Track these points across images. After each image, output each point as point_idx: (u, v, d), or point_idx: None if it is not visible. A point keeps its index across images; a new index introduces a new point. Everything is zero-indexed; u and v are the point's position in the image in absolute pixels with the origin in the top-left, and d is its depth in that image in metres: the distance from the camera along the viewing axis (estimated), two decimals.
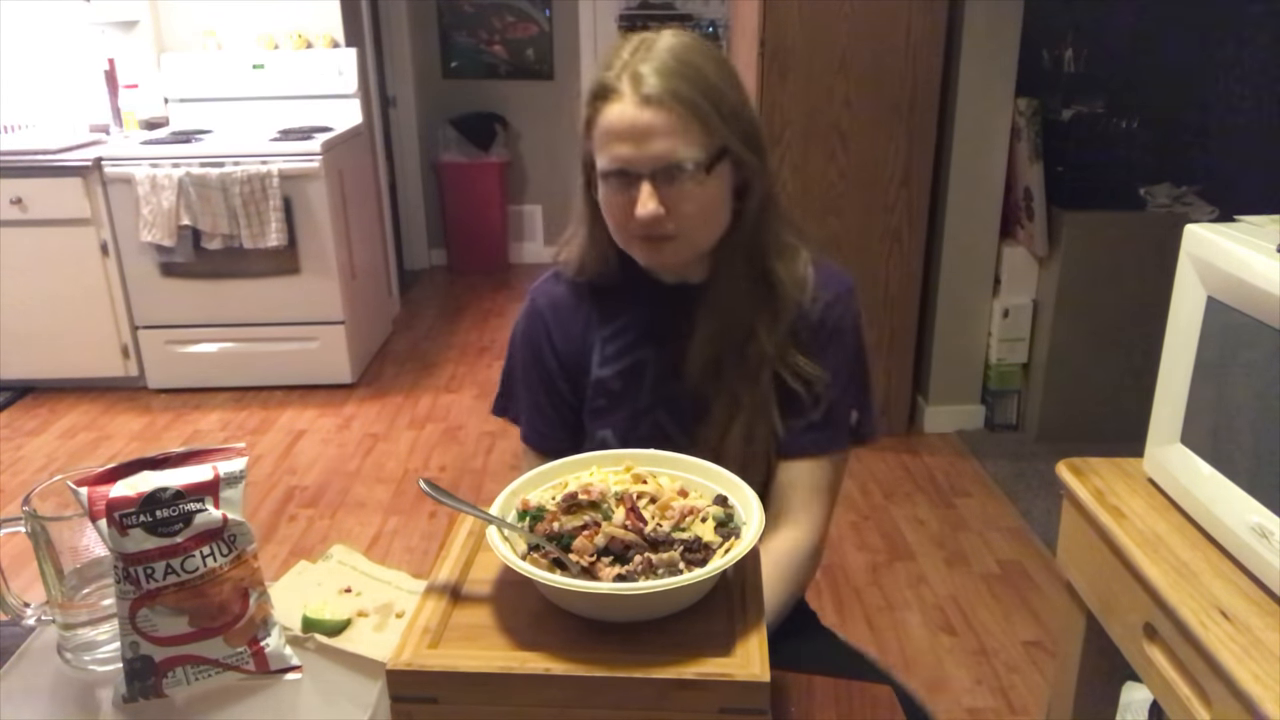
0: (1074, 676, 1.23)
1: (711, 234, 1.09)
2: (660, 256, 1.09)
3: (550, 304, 1.21)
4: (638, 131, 1.01)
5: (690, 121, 1.01)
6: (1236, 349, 0.98)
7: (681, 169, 1.01)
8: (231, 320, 3.59)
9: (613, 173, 1.04)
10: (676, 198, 1.03)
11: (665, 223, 1.04)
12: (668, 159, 1.01)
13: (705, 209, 1.06)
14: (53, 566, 0.85)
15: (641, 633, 0.71)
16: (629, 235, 1.07)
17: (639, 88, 1.01)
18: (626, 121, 1.01)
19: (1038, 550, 2.61)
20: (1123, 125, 3.20)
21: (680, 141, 1.01)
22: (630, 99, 1.01)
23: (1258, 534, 0.93)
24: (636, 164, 1.02)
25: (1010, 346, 3.22)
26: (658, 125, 1.00)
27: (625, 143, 1.02)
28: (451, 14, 5.10)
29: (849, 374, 1.16)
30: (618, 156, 1.02)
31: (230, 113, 3.87)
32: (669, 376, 1.14)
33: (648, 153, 1.01)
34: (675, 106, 1.01)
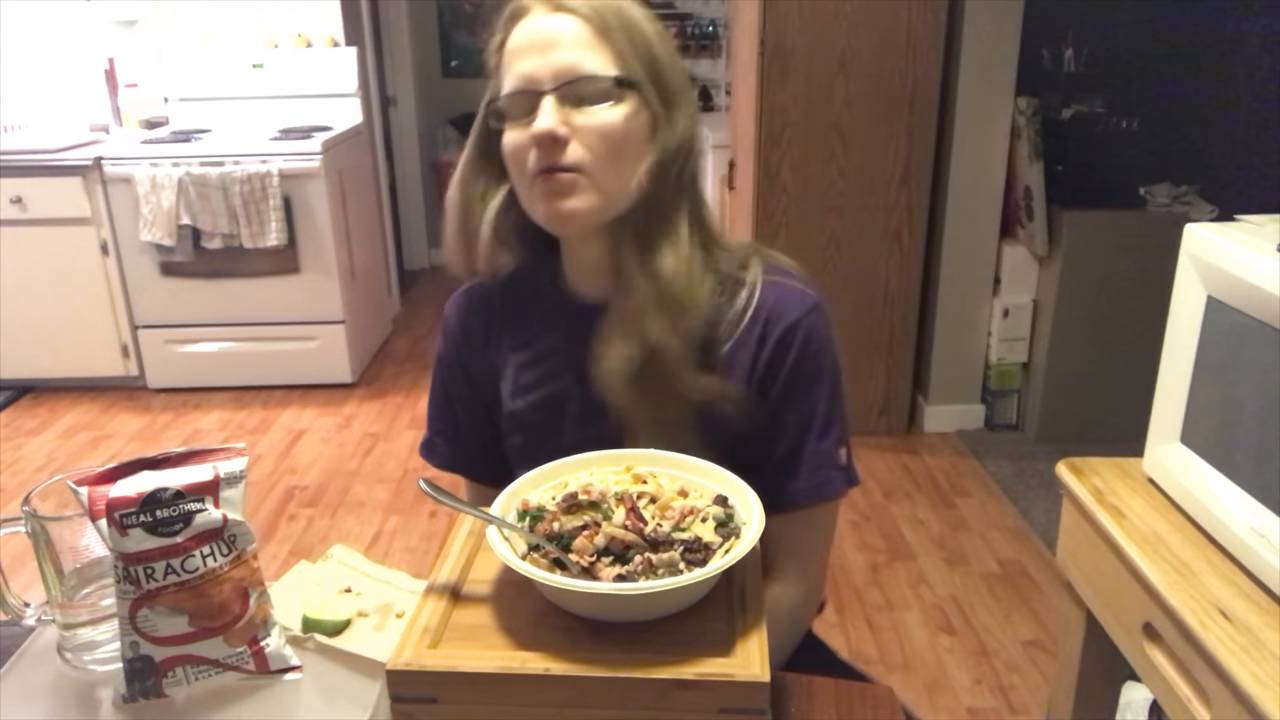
0: (1074, 676, 1.23)
1: (620, 181, 0.93)
2: (559, 197, 0.92)
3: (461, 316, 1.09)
4: (541, 39, 0.91)
5: (603, 36, 0.91)
6: (1236, 349, 0.98)
7: (589, 82, 0.90)
8: (231, 320, 3.59)
9: (515, 94, 0.92)
10: (584, 121, 0.91)
11: (566, 147, 0.90)
12: (573, 68, 0.90)
13: (613, 142, 0.92)
14: (53, 566, 0.85)
15: (641, 633, 0.71)
16: (530, 178, 0.93)
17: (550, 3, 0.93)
18: (531, 31, 0.92)
19: (1038, 550, 2.61)
20: (1123, 125, 3.20)
21: (591, 54, 0.91)
22: (540, 9, 0.93)
23: (1258, 534, 0.93)
24: (538, 77, 0.91)
25: (1010, 346, 3.22)
26: (566, 33, 0.91)
27: (528, 56, 0.92)
28: (451, 13, 5.10)
29: (828, 409, 0.99)
30: (521, 73, 0.92)
31: (230, 112, 3.87)
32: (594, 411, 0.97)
33: (551, 62, 0.90)
34: (590, 16, 0.91)
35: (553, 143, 0.90)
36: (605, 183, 0.93)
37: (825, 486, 1.00)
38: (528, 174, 0.93)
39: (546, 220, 0.95)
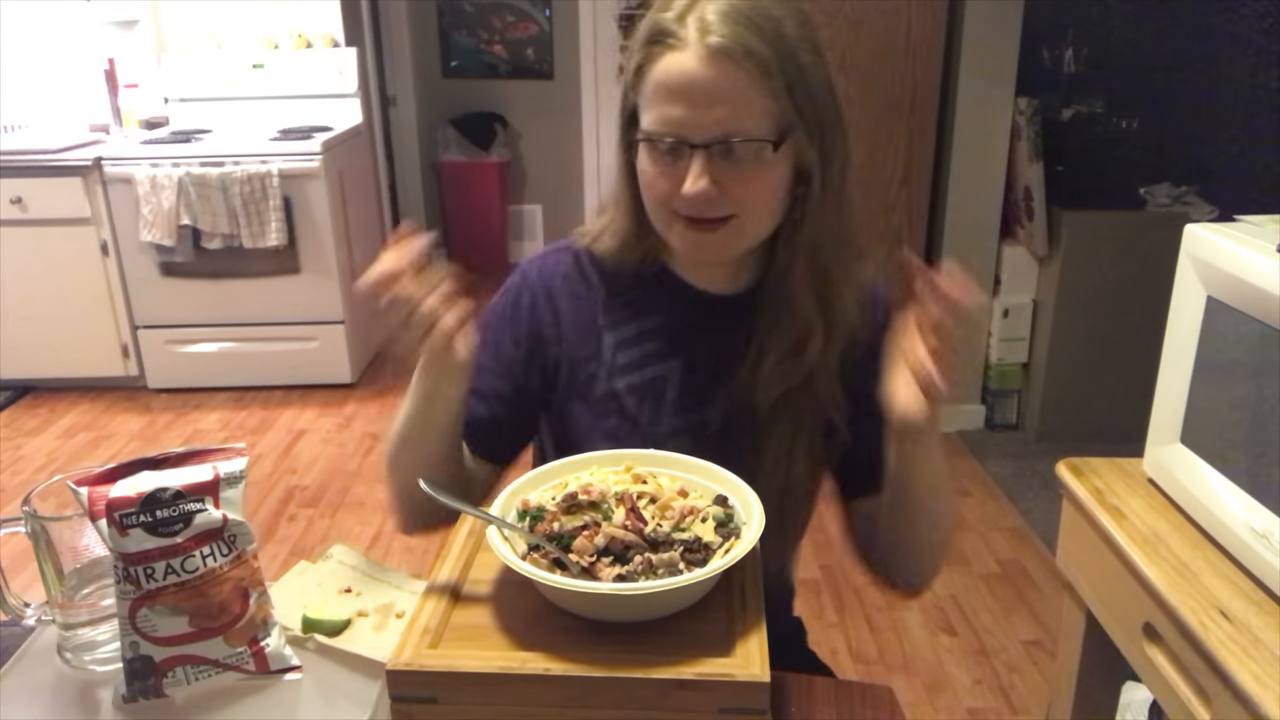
0: (1074, 676, 1.23)
1: (766, 225, 0.92)
2: (705, 246, 0.91)
3: (545, 280, 1.02)
4: (698, 91, 0.84)
5: (762, 85, 0.84)
6: (1236, 349, 0.98)
7: (744, 145, 0.85)
8: (231, 320, 3.59)
9: (661, 137, 0.87)
10: (732, 177, 0.86)
11: (717, 205, 0.87)
12: (730, 128, 0.84)
13: (764, 194, 0.89)
14: (53, 566, 0.85)
15: (641, 633, 0.71)
16: (669, 215, 0.90)
17: (705, 36, 0.83)
18: (686, 77, 0.84)
19: (1038, 550, 2.61)
20: (1123, 125, 3.20)
21: (747, 111, 0.85)
22: (694, 50, 0.84)
23: (1258, 534, 0.93)
24: (692, 131, 0.85)
25: (1010, 346, 3.22)
26: (723, 87, 0.84)
27: (681, 104, 0.85)
28: (451, 14, 5.09)
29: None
30: (670, 120, 0.85)
31: (230, 112, 3.87)
32: (695, 399, 0.98)
33: (705, 118, 0.84)
34: (747, 65, 0.83)
35: (705, 201, 0.87)
36: (751, 228, 0.91)
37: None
38: (668, 209, 0.90)
39: (687, 254, 0.95)
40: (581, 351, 1.01)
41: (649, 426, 0.99)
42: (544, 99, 5.16)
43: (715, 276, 1.00)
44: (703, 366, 0.99)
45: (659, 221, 0.93)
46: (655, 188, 0.90)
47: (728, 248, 0.92)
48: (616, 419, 0.99)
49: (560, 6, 5.05)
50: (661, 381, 0.99)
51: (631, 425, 0.99)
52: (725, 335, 0.98)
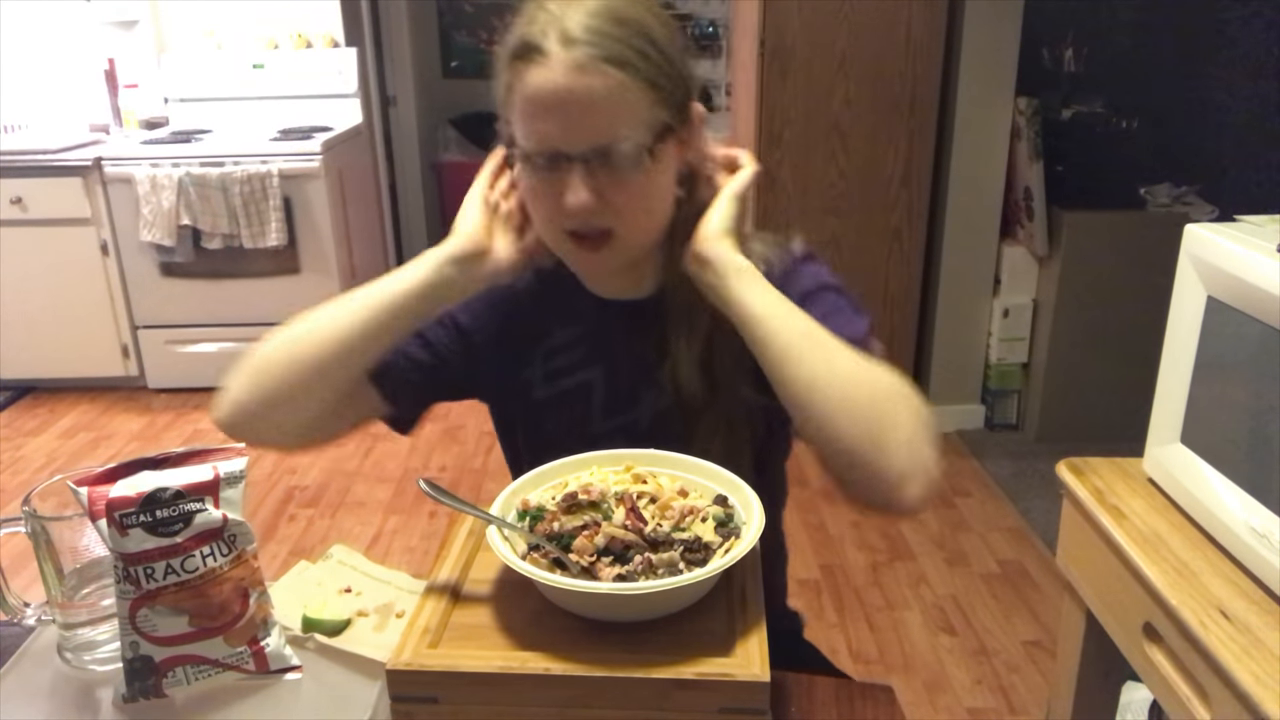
0: (1074, 676, 1.23)
1: (654, 230, 0.93)
2: (595, 260, 0.92)
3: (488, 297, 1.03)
4: (570, 105, 0.83)
5: (632, 92, 0.84)
6: (1236, 349, 0.98)
7: (620, 152, 0.85)
8: (231, 320, 3.58)
9: (537, 154, 0.86)
10: (613, 186, 0.86)
11: (601, 215, 0.87)
12: (604, 137, 0.84)
13: (648, 199, 0.90)
14: (53, 566, 0.85)
15: (641, 633, 0.71)
16: (557, 233, 0.91)
17: (570, 48, 0.83)
18: (556, 93, 0.83)
19: (1038, 550, 2.61)
20: (1123, 125, 3.20)
21: (621, 118, 0.84)
22: (559, 63, 0.83)
23: (1258, 534, 0.93)
24: (566, 145, 0.85)
25: (1010, 346, 3.22)
26: (594, 97, 0.83)
27: (553, 119, 0.84)
28: (451, 14, 5.09)
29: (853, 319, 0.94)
30: (544, 135, 0.85)
31: (230, 112, 3.87)
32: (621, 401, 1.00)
33: (579, 130, 0.84)
34: (614, 73, 0.83)
35: (586, 212, 0.87)
36: (636, 237, 0.92)
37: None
38: (554, 226, 0.90)
39: (578, 269, 0.98)
40: (517, 359, 1.04)
41: (582, 428, 1.01)
42: None
43: (619, 286, 1.01)
44: (624, 371, 1.01)
45: (549, 240, 0.94)
46: (540, 206, 0.90)
47: (616, 259, 0.93)
48: (553, 423, 1.03)
49: None
50: (587, 387, 1.01)
51: (566, 429, 1.01)
52: (639, 339, 0.99)
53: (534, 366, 1.04)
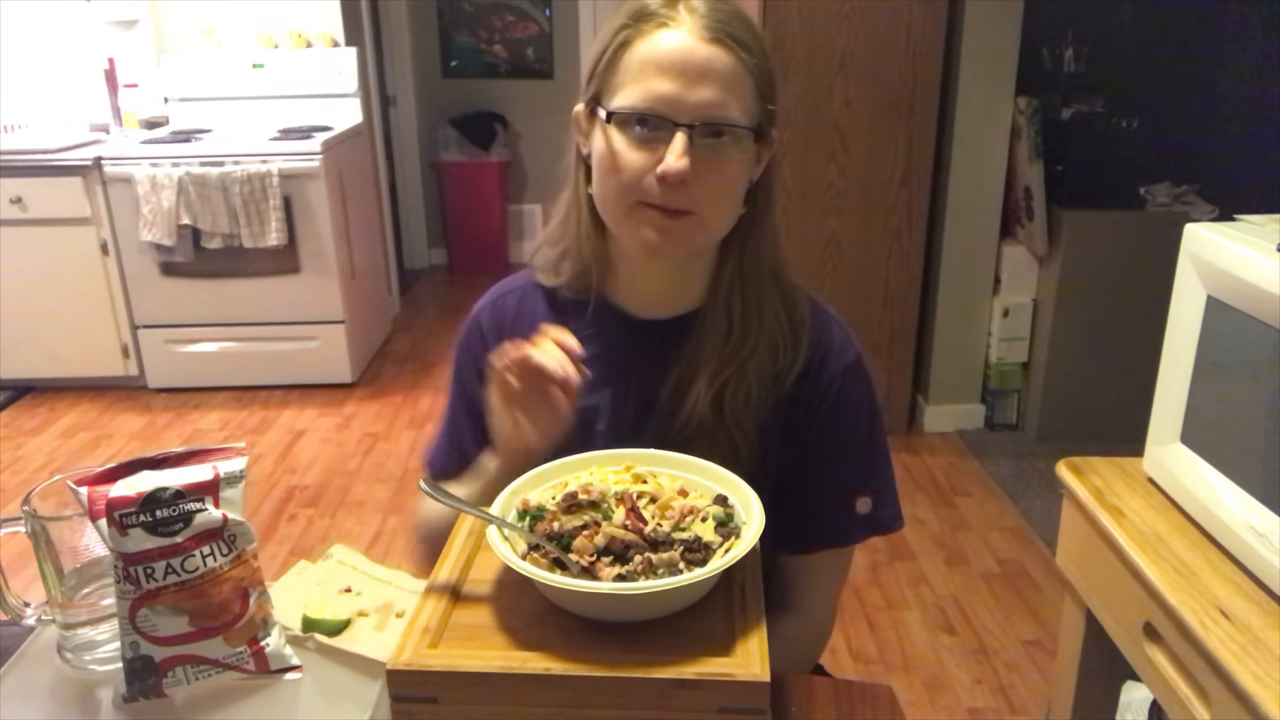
0: (1074, 676, 1.23)
1: (724, 225, 0.92)
2: (668, 235, 0.88)
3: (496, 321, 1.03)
4: (692, 67, 0.82)
5: (746, 76, 0.85)
6: (1236, 349, 0.98)
7: (728, 129, 0.84)
8: (231, 320, 3.59)
9: (642, 115, 0.84)
10: (707, 166, 0.85)
11: (687, 194, 0.85)
12: (719, 110, 0.83)
13: (731, 191, 0.88)
14: (53, 566, 0.85)
15: (641, 633, 0.71)
16: (632, 203, 0.87)
17: (697, 18, 0.84)
18: (681, 52, 0.83)
19: (1038, 550, 2.61)
20: (1123, 125, 3.20)
21: (734, 96, 0.84)
22: (689, 27, 0.83)
23: (1258, 534, 0.93)
24: (679, 105, 0.83)
25: (1010, 346, 3.22)
26: (716, 68, 0.83)
27: (672, 79, 0.83)
28: (451, 13, 5.09)
29: (858, 460, 1.01)
30: (659, 95, 0.83)
31: (230, 112, 3.86)
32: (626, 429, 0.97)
33: (698, 95, 0.83)
34: (737, 50, 0.83)
35: (680, 183, 0.84)
36: (712, 225, 0.90)
37: (844, 534, 1.02)
38: (634, 195, 0.87)
39: (640, 248, 0.91)
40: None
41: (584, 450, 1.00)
42: (544, 99, 5.16)
43: (652, 300, 0.99)
44: (632, 394, 0.99)
45: (619, 211, 0.90)
46: (623, 170, 0.86)
47: (687, 241, 0.90)
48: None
49: (560, 6, 5.05)
50: (592, 412, 0.99)
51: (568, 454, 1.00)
52: (657, 362, 0.98)
53: None
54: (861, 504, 1.01)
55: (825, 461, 0.99)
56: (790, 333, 0.96)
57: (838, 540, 1.03)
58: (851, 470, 1.01)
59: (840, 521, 1.01)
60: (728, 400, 0.94)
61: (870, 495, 1.01)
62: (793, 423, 0.98)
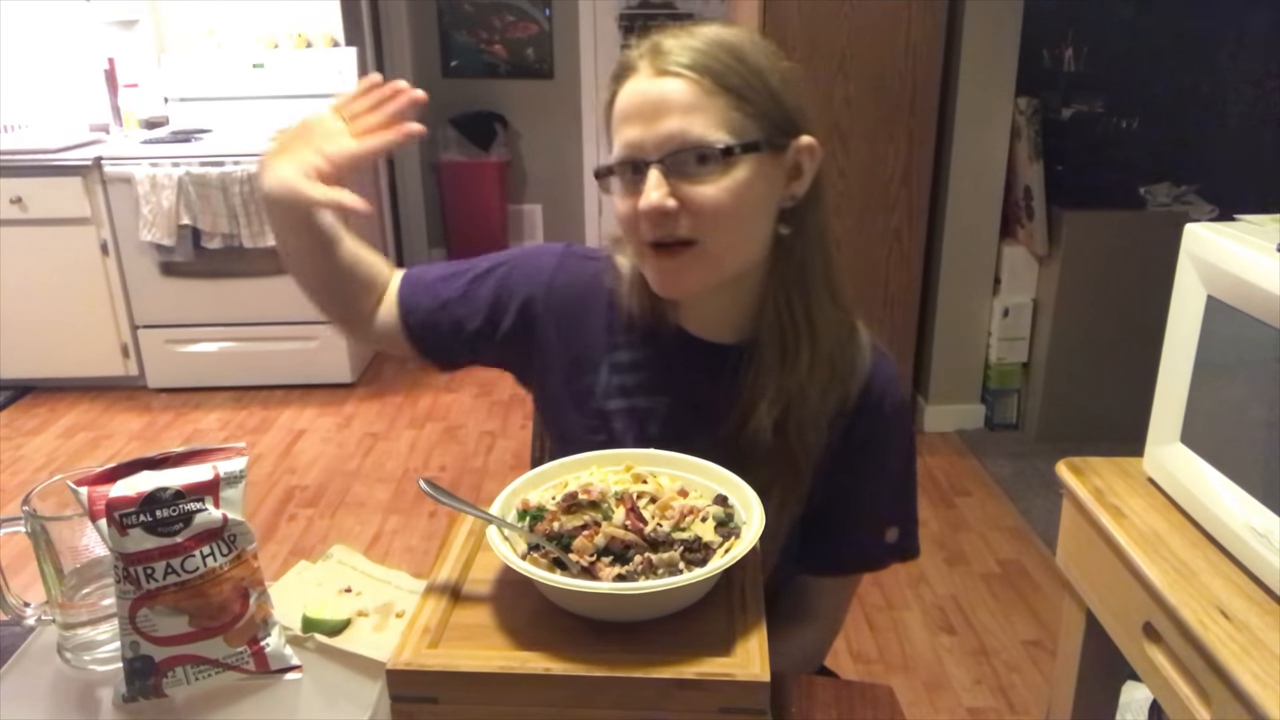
0: (1074, 676, 1.23)
1: (741, 248, 0.91)
2: (672, 274, 0.90)
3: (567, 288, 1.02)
4: (647, 106, 0.85)
5: (714, 96, 0.85)
6: (1236, 349, 0.98)
7: (696, 152, 0.84)
8: (231, 320, 3.58)
9: (621, 163, 0.88)
10: (692, 193, 0.85)
11: (677, 220, 0.86)
12: (679, 137, 0.84)
13: (732, 210, 0.87)
14: (53, 566, 0.85)
15: (641, 633, 0.71)
16: (640, 245, 0.90)
17: (657, 60, 0.86)
18: (637, 96, 0.86)
19: (1038, 550, 2.61)
20: (1123, 125, 3.20)
21: (699, 119, 0.84)
22: (645, 72, 0.87)
23: (1258, 534, 0.93)
24: (644, 145, 0.86)
25: (1010, 346, 3.22)
26: (671, 98, 0.84)
27: (634, 123, 0.86)
28: (451, 14, 5.09)
29: (892, 492, 1.04)
30: (626, 142, 0.87)
31: (230, 112, 3.86)
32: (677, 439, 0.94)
33: (656, 132, 0.85)
34: (696, 77, 0.84)
35: (662, 216, 0.86)
36: (719, 252, 0.89)
37: (872, 561, 1.07)
38: (637, 240, 0.90)
39: (657, 289, 0.93)
40: (582, 363, 1.02)
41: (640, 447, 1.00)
42: (544, 99, 5.16)
43: (709, 325, 0.99)
44: (689, 408, 1.00)
45: (636, 257, 0.94)
46: (624, 218, 0.90)
47: (694, 276, 0.90)
48: (605, 436, 1.01)
49: (560, 6, 5.05)
50: (647, 413, 1.00)
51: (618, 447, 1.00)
52: (714, 382, 0.97)
53: (600, 375, 1.01)
54: (890, 534, 1.05)
55: (864, 493, 1.02)
56: (847, 358, 0.97)
57: (865, 567, 1.08)
58: (886, 502, 1.04)
59: (870, 549, 1.05)
60: (791, 425, 0.94)
61: (899, 526, 1.05)
62: (840, 452, 0.98)
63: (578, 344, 1.02)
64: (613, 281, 1.02)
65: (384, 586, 0.96)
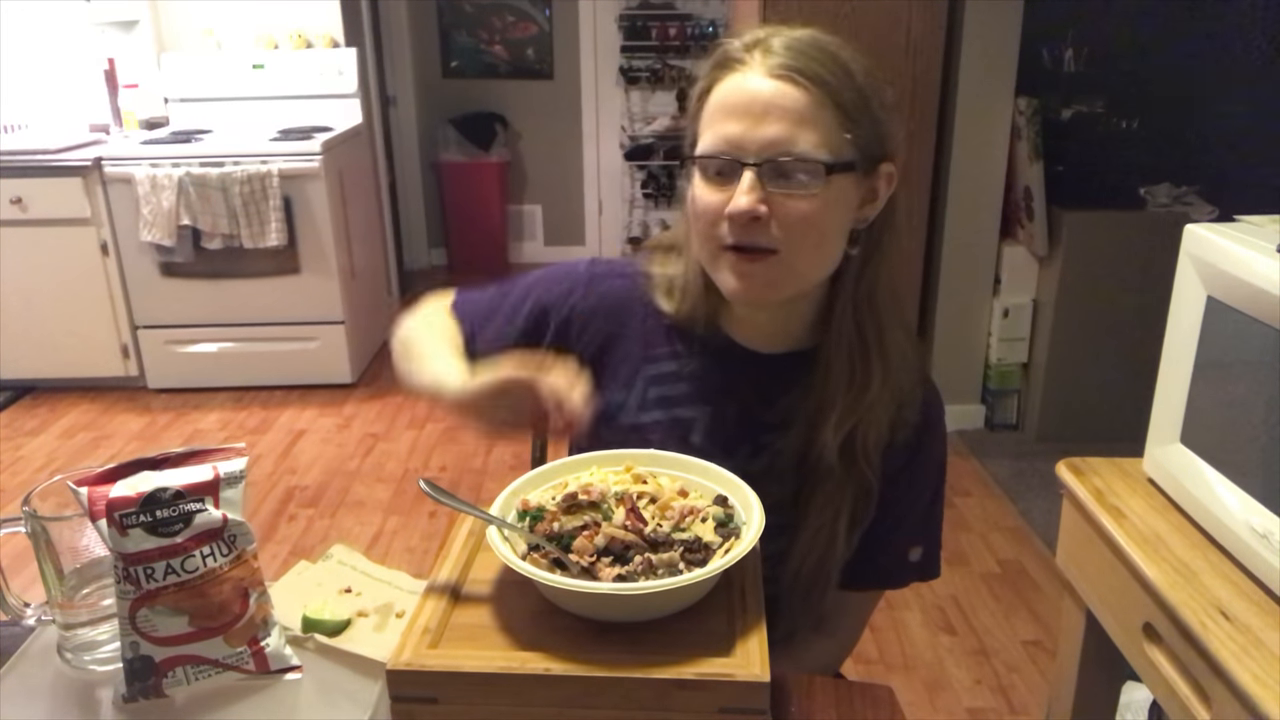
0: (1074, 676, 1.23)
1: (818, 266, 0.90)
2: (750, 279, 0.87)
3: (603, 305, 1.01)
4: (756, 106, 0.83)
5: (819, 109, 0.83)
6: (1236, 349, 0.98)
7: (798, 164, 0.83)
8: (231, 320, 3.58)
9: (713, 156, 0.86)
10: (782, 203, 0.84)
11: (765, 232, 0.85)
12: (784, 146, 0.83)
13: (817, 227, 0.86)
14: (53, 566, 0.85)
15: (641, 633, 0.71)
16: (717, 246, 0.88)
17: (769, 58, 0.84)
18: (746, 94, 0.84)
19: (1038, 550, 2.61)
20: (1123, 125, 3.20)
21: (806, 132, 0.83)
22: (756, 69, 0.84)
23: (1258, 534, 0.93)
24: (744, 145, 0.83)
25: (1010, 346, 3.22)
26: (780, 104, 0.83)
27: (738, 120, 0.84)
28: (451, 14, 5.09)
29: (924, 513, 1.05)
30: (727, 137, 0.84)
31: (230, 112, 3.86)
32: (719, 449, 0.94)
33: (761, 133, 0.83)
34: (808, 86, 0.83)
35: (751, 222, 0.84)
36: (799, 266, 0.88)
37: (895, 579, 1.08)
38: (715, 239, 0.88)
39: (729, 293, 0.91)
40: (616, 381, 1.01)
41: None
42: (544, 99, 5.16)
43: (761, 336, 0.98)
44: (731, 419, 0.98)
45: (706, 255, 0.90)
46: (704, 213, 0.88)
47: (772, 284, 0.89)
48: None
49: (560, 6, 5.05)
50: (688, 424, 0.98)
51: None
52: (761, 393, 0.97)
53: (635, 390, 1.00)
54: (914, 553, 1.06)
55: (897, 512, 1.01)
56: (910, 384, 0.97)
57: (888, 584, 1.08)
58: (915, 523, 1.05)
59: (894, 567, 1.06)
60: (859, 444, 0.94)
61: (923, 546, 1.06)
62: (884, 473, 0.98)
63: (613, 361, 1.01)
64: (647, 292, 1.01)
65: (384, 586, 0.96)
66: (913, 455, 1.00)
